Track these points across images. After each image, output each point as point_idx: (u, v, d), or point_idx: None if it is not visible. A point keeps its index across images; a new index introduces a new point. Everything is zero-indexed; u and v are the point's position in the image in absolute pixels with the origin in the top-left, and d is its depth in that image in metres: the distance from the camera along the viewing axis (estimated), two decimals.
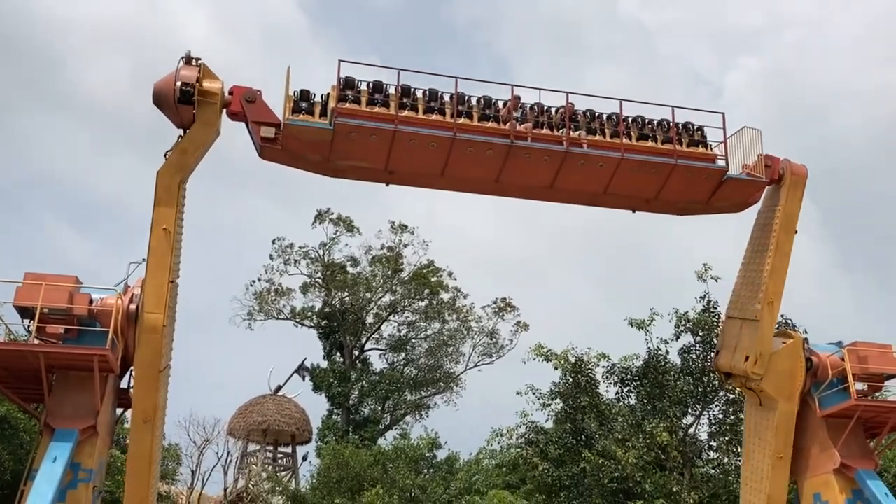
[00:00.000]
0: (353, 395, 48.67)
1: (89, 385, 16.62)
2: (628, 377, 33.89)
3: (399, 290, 51.28)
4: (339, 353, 50.98)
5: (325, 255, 51.59)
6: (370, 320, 51.42)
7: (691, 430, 33.42)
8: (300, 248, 51.37)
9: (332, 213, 51.64)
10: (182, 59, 17.06)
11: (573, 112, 19.25)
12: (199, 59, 17.17)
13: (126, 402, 18.49)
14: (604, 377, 34.15)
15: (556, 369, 33.89)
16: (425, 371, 51.11)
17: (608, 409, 33.66)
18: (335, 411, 48.80)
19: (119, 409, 18.79)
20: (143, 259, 17.25)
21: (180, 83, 16.62)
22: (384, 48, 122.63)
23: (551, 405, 34.08)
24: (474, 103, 18.80)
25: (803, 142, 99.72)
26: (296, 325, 51.34)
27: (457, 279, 52.05)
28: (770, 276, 19.64)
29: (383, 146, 17.92)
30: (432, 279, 51.30)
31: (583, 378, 33.46)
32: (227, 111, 17.46)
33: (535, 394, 34.32)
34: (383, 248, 51.64)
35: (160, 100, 16.85)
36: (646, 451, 31.14)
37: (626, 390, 34.14)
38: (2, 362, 16.58)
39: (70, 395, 16.82)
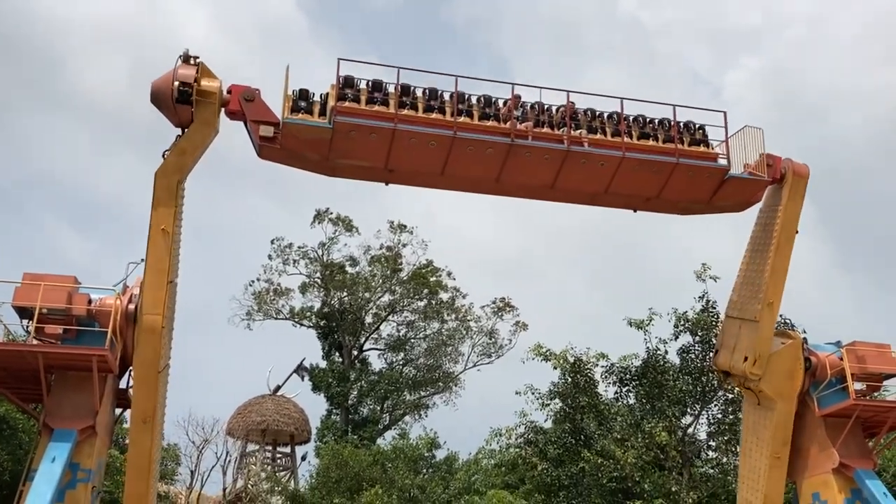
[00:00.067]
0: (352, 395, 48.62)
1: (88, 385, 16.61)
2: (627, 377, 33.89)
3: (398, 289, 51.23)
4: (337, 353, 50.93)
5: (324, 255, 51.53)
6: (369, 320, 51.37)
7: (690, 430, 33.42)
8: (299, 247, 51.32)
9: (331, 213, 51.60)
10: (180, 57, 16.84)
11: (574, 111, 19.10)
12: (197, 57, 16.95)
13: (125, 402, 18.48)
14: (603, 377, 34.18)
15: (555, 369, 33.91)
16: (424, 371, 51.06)
17: (607, 408, 33.66)
18: (334, 411, 48.76)
19: (118, 410, 18.77)
20: (141, 259, 17.21)
21: (178, 83, 16.42)
22: (384, 48, 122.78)
23: (550, 405, 34.09)
24: (474, 102, 18.63)
25: (803, 141, 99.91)
26: (295, 325, 51.34)
27: (456, 279, 52.09)
28: (770, 277, 19.51)
29: (383, 145, 17.77)
30: (431, 279, 51.23)
31: (582, 378, 33.46)
32: (226, 110, 17.25)
33: (533, 393, 34.35)
34: (382, 248, 51.61)
35: (158, 99, 16.65)
36: (645, 451, 31.13)
37: (624, 390, 34.15)
38: (0, 362, 16.57)
39: (69, 396, 16.80)
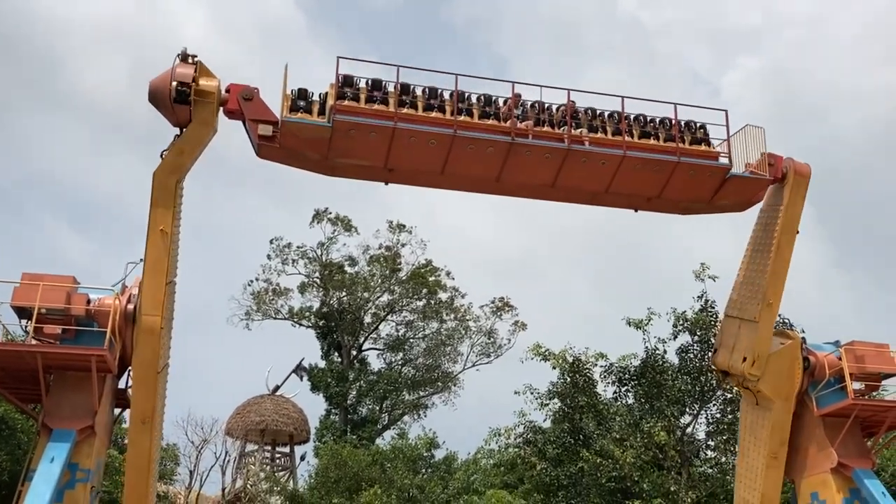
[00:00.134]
0: (350, 395, 48.61)
1: (87, 385, 16.58)
2: (626, 377, 33.91)
3: (397, 289, 51.22)
4: (336, 353, 50.92)
5: (322, 255, 51.51)
6: (368, 320, 51.36)
7: (689, 430, 33.45)
8: (298, 247, 51.31)
9: (330, 213, 51.60)
10: (178, 56, 16.67)
11: (574, 110, 18.96)
12: (195, 55, 16.78)
13: (124, 402, 18.46)
14: (601, 377, 34.23)
15: (554, 369, 33.94)
16: (423, 371, 51.06)
17: (606, 408, 33.68)
18: (333, 411, 48.74)
19: (117, 409, 18.75)
20: (140, 259, 17.17)
21: (176, 83, 16.26)
22: (383, 48, 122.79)
23: (549, 405, 34.11)
24: (474, 101, 18.49)
25: (802, 141, 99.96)
26: (293, 325, 51.33)
27: (455, 279, 52.11)
28: (770, 277, 19.41)
29: (382, 144, 17.63)
30: (430, 279, 51.23)
31: (581, 377, 33.49)
32: (224, 109, 17.10)
33: (532, 393, 34.37)
34: (381, 248, 51.62)
35: (156, 99, 16.50)
36: (643, 451, 31.14)
37: (623, 390, 34.18)
38: None
39: (68, 396, 16.77)
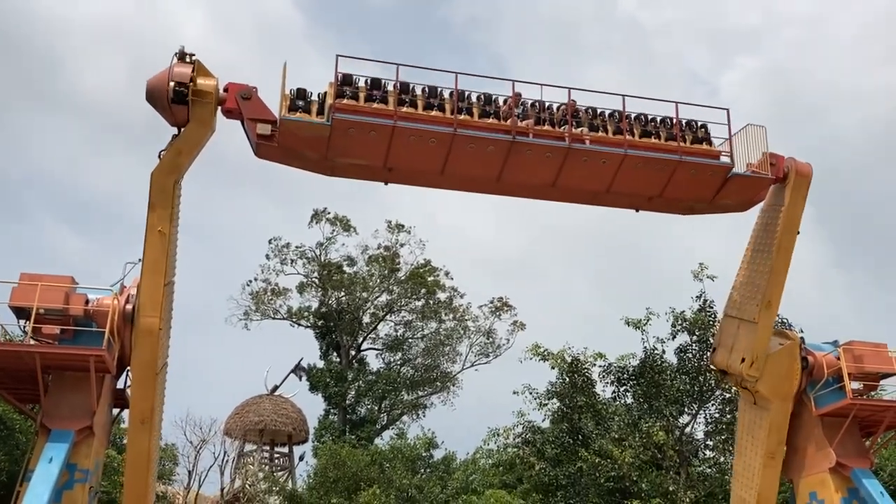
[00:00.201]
0: (349, 395, 48.55)
1: (85, 385, 16.56)
2: (625, 376, 33.98)
3: (396, 289, 51.17)
4: (335, 353, 50.88)
5: (321, 255, 51.44)
6: (367, 320, 51.32)
7: (688, 430, 33.51)
8: (297, 247, 51.18)
9: (329, 213, 51.57)
10: (175, 54, 16.49)
11: (575, 109, 18.81)
12: (193, 54, 16.61)
13: (122, 402, 18.47)
14: (600, 377, 34.28)
15: (553, 369, 33.99)
16: (422, 371, 51.02)
17: (605, 408, 33.71)
18: (332, 411, 48.70)
19: (115, 409, 18.75)
20: (139, 259, 17.15)
21: (174, 83, 16.06)
22: (382, 48, 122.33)
23: (548, 405, 34.17)
24: (474, 100, 18.37)
25: (801, 141, 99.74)
26: (292, 325, 51.21)
27: (453, 278, 52.06)
28: (770, 278, 19.30)
29: (382, 143, 17.48)
30: (429, 279, 51.20)
31: (579, 377, 33.54)
32: (222, 109, 16.91)
33: (531, 393, 34.42)
34: (380, 248, 51.58)
35: (153, 98, 16.31)
36: (642, 451, 31.18)
37: (622, 390, 34.24)
38: None
39: (66, 396, 16.76)
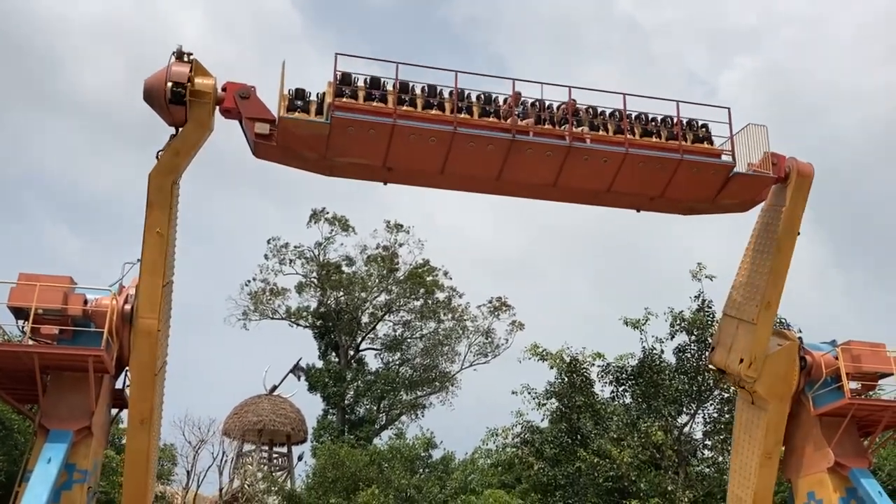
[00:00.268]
0: (348, 395, 48.54)
1: (84, 386, 16.57)
2: (623, 376, 33.98)
3: (394, 289, 51.17)
4: (334, 353, 50.87)
5: (320, 255, 51.46)
6: (365, 320, 51.31)
7: (686, 429, 33.51)
8: (295, 247, 51.17)
9: (328, 213, 51.57)
10: (173, 54, 16.36)
11: (575, 108, 18.59)
12: (191, 53, 16.49)
13: (121, 402, 18.47)
14: (599, 376, 34.29)
15: (552, 368, 34.00)
16: (421, 371, 51.03)
17: (603, 408, 33.73)
18: (330, 411, 48.68)
19: (114, 410, 18.76)
20: (137, 259, 17.12)
21: (171, 84, 15.93)
22: (381, 48, 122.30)
23: (546, 404, 34.17)
24: (474, 99, 18.25)
25: (800, 141, 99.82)
26: (291, 325, 51.19)
27: (452, 278, 52.06)
28: (770, 278, 19.22)
29: (381, 141, 17.32)
30: (428, 279, 51.21)
31: (578, 377, 33.55)
32: (220, 108, 16.76)
33: (530, 393, 34.42)
34: (379, 248, 51.57)
35: (151, 98, 16.20)
36: (641, 451, 31.19)
37: (621, 389, 34.25)
38: None
39: (65, 396, 16.77)
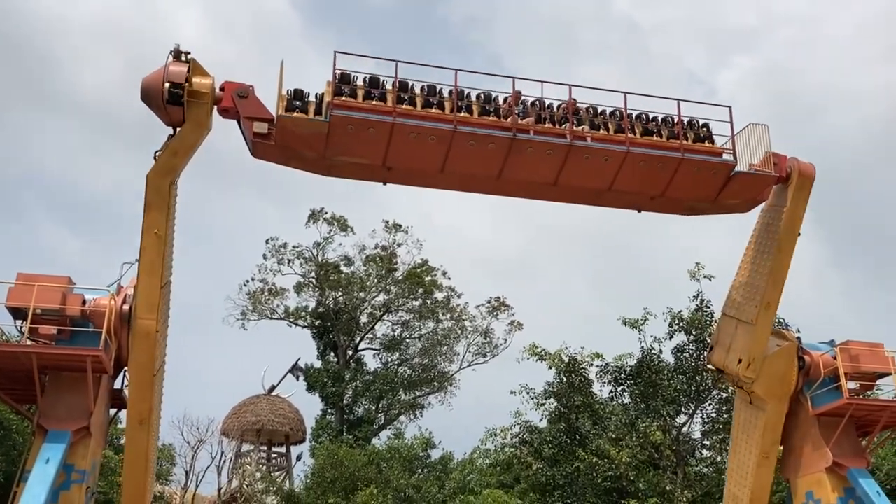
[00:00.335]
0: (347, 395, 48.54)
1: (82, 386, 16.57)
2: (622, 376, 34.01)
3: (393, 289, 51.16)
4: (332, 353, 50.86)
5: (318, 255, 51.44)
6: (364, 320, 51.29)
7: (685, 429, 33.55)
8: (294, 247, 51.16)
9: (326, 213, 51.55)
10: (171, 53, 16.26)
11: (576, 108, 18.46)
12: (189, 53, 16.39)
13: (119, 402, 18.45)
14: (597, 376, 34.32)
15: (550, 369, 34.03)
16: (419, 371, 51.02)
17: (602, 408, 33.75)
18: (329, 411, 48.68)
19: (112, 410, 18.73)
20: (136, 259, 17.08)
21: (168, 84, 15.83)
22: (381, 48, 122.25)
23: (545, 405, 34.20)
24: (474, 99, 18.15)
25: (799, 141, 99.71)
26: (289, 325, 51.17)
27: (451, 278, 52.06)
28: (769, 279, 19.17)
29: (381, 140, 17.15)
30: (426, 278, 51.20)
31: (576, 377, 33.58)
32: (218, 108, 16.66)
33: (528, 393, 34.45)
34: (377, 248, 51.55)
35: (148, 98, 16.10)
36: (639, 450, 31.21)
37: (619, 389, 34.28)
38: None
39: (63, 396, 16.76)
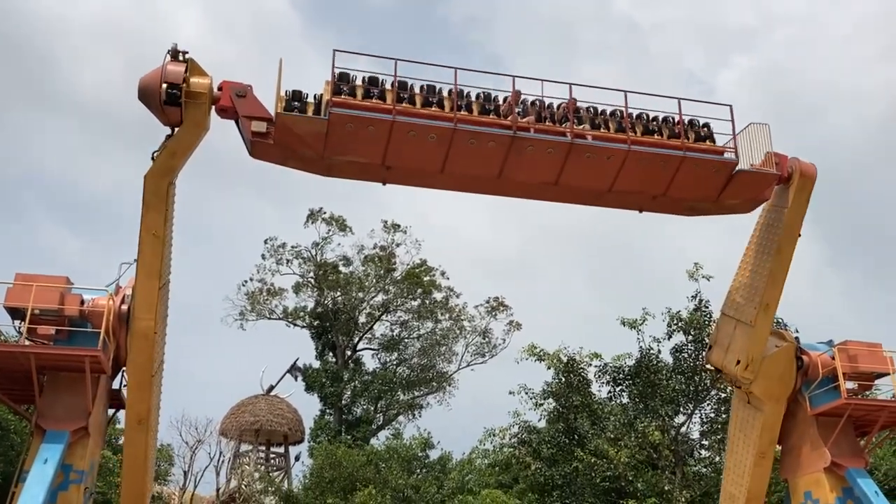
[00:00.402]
0: (345, 395, 48.52)
1: (81, 386, 16.55)
2: (620, 376, 34.04)
3: (392, 289, 51.15)
4: (331, 353, 50.84)
5: (317, 255, 51.43)
6: (363, 320, 51.27)
7: (683, 429, 33.58)
8: (292, 247, 51.18)
9: (325, 213, 51.55)
10: (168, 52, 16.08)
11: (576, 107, 18.22)
12: (186, 52, 16.20)
13: (118, 402, 18.43)
14: (596, 376, 34.36)
15: (549, 369, 34.05)
16: (418, 371, 51.01)
17: (600, 408, 33.78)
18: (328, 411, 48.65)
19: (111, 410, 18.71)
20: (134, 260, 17.07)
21: (166, 85, 15.65)
22: (380, 48, 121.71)
23: (544, 405, 34.23)
24: (474, 98, 17.97)
25: (798, 141, 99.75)
26: (288, 325, 51.16)
27: (449, 278, 52.07)
28: (769, 280, 19.11)
29: (380, 139, 16.86)
30: (425, 279, 51.20)
31: (575, 377, 33.60)
32: (216, 108, 16.43)
33: (527, 393, 34.48)
34: (376, 248, 51.54)
35: (146, 98, 15.93)
36: (638, 450, 31.24)
37: (618, 389, 34.31)
38: None
39: (61, 397, 16.74)
